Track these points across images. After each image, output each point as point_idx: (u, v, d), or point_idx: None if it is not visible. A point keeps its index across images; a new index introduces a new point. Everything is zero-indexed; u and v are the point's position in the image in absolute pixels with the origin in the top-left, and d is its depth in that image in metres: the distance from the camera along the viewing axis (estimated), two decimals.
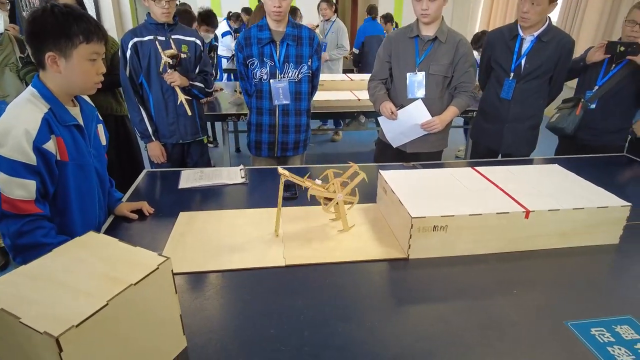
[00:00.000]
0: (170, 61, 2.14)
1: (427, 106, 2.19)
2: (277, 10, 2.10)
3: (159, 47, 2.14)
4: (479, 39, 4.19)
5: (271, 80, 2.24)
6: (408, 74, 2.18)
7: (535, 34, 2.26)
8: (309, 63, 2.29)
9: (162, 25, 2.19)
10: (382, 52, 2.26)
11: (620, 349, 0.97)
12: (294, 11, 6.67)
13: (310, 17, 8.75)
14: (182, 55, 2.21)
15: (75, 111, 1.31)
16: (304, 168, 2.16)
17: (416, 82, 2.18)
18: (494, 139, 2.49)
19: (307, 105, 2.39)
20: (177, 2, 2.24)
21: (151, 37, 2.17)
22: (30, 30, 1.18)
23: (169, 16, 2.17)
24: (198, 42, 2.32)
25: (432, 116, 2.20)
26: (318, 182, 1.45)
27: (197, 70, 2.35)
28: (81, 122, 1.32)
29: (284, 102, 2.28)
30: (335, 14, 5.54)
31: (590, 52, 2.37)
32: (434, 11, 2.05)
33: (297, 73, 2.27)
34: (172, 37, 2.22)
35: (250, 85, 2.32)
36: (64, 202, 1.29)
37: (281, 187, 1.37)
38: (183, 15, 2.88)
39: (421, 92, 2.20)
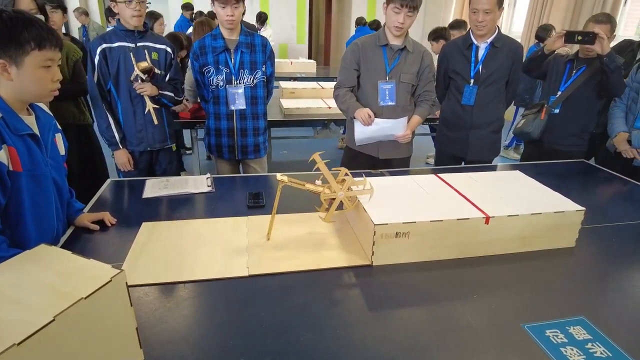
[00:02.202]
0: (143, 76, 2.12)
1: (397, 113, 2.24)
2: (230, 19, 2.18)
3: (132, 58, 2.11)
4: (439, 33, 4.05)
5: (227, 87, 2.32)
6: (379, 82, 2.21)
7: (489, 40, 2.35)
8: (263, 69, 2.39)
9: (132, 32, 2.16)
10: (349, 59, 2.26)
11: (572, 349, 1.00)
12: (263, 20, 6.67)
13: (282, 22, 8.82)
14: (157, 71, 2.18)
15: (30, 120, 1.27)
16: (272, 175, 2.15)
17: (387, 90, 2.22)
18: (459, 147, 2.55)
19: (263, 109, 2.49)
20: (148, 5, 2.20)
21: (121, 43, 2.14)
22: None
23: (140, 20, 2.15)
24: (169, 49, 2.30)
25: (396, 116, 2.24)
26: (318, 182, 1.45)
27: (167, 78, 2.33)
28: (36, 131, 1.27)
29: (240, 107, 2.37)
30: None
31: (549, 41, 2.47)
32: (409, 25, 2.11)
33: (252, 79, 2.36)
34: (142, 44, 2.19)
35: (207, 92, 2.39)
36: (17, 213, 1.24)
37: (279, 192, 1.38)
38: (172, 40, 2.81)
39: (391, 100, 2.23)
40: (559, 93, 2.51)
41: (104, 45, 2.14)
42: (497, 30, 2.36)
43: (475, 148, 2.51)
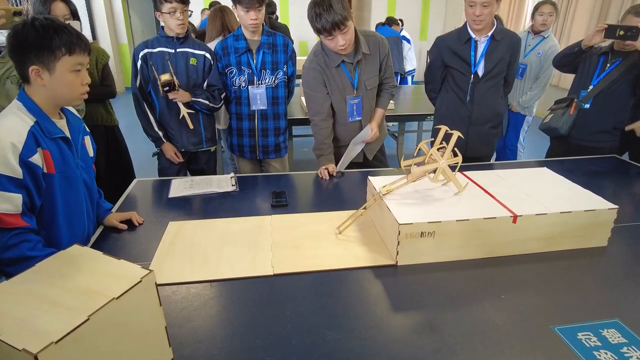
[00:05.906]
0: (162, 89, 2.12)
1: (363, 112, 2.17)
2: (254, 23, 2.19)
3: (154, 71, 2.14)
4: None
5: (249, 87, 2.33)
6: (348, 99, 2.12)
7: (489, 34, 2.23)
8: (285, 69, 2.38)
9: (172, 38, 2.20)
10: (314, 85, 2.09)
11: (606, 353, 0.97)
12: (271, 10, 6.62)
13: (302, 20, 8.81)
14: (177, 83, 2.16)
15: (62, 123, 1.31)
16: (292, 175, 2.16)
17: (355, 105, 2.15)
18: (458, 143, 2.44)
19: (284, 109, 2.49)
20: (190, 14, 2.23)
21: (161, 49, 2.20)
22: (12, 44, 1.18)
23: (184, 27, 2.18)
24: (208, 55, 2.29)
25: (366, 121, 2.19)
26: (415, 165, 1.47)
27: (205, 85, 2.32)
28: (68, 134, 1.31)
29: (261, 107, 2.38)
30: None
31: (587, 36, 2.35)
32: (349, 41, 1.92)
33: (273, 79, 2.36)
34: (182, 50, 2.21)
35: (230, 93, 2.39)
36: (50, 214, 1.28)
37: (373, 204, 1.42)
38: None
39: (359, 113, 2.17)
40: (591, 87, 2.40)
41: (146, 51, 2.20)
42: (496, 23, 2.25)
43: (475, 145, 2.41)
